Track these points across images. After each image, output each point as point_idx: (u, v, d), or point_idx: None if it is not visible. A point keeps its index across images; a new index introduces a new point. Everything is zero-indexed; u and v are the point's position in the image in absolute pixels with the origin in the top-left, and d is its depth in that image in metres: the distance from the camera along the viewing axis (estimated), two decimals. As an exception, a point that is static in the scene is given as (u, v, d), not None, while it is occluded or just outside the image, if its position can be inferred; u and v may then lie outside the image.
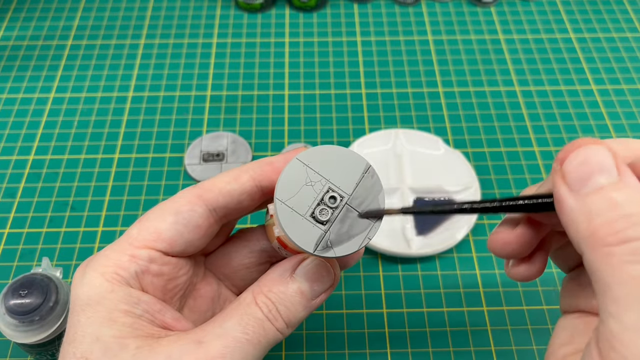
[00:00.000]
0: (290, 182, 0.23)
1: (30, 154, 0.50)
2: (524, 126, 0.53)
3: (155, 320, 0.25)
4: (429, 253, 0.43)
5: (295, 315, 0.25)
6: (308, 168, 0.24)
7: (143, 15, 0.63)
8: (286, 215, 0.23)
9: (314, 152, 0.24)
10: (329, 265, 0.26)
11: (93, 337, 0.23)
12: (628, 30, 0.62)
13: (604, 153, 0.19)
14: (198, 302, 0.29)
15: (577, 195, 0.19)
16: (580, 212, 0.19)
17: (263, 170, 0.27)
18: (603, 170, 0.19)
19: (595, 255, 0.18)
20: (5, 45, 0.60)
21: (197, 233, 0.26)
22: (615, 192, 0.18)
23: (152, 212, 0.26)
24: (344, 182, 0.24)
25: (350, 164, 0.24)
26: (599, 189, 0.19)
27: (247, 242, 0.30)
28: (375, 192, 0.24)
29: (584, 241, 0.19)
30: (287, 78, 0.57)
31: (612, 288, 0.18)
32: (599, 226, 0.18)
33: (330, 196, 0.24)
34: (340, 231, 0.23)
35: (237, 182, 0.26)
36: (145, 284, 0.25)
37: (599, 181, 0.19)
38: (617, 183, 0.19)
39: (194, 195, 0.26)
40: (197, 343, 0.23)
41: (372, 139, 0.50)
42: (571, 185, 0.19)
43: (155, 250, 0.25)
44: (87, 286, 0.24)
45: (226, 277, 0.30)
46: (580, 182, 0.19)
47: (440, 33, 0.62)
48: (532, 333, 0.40)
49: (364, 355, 0.39)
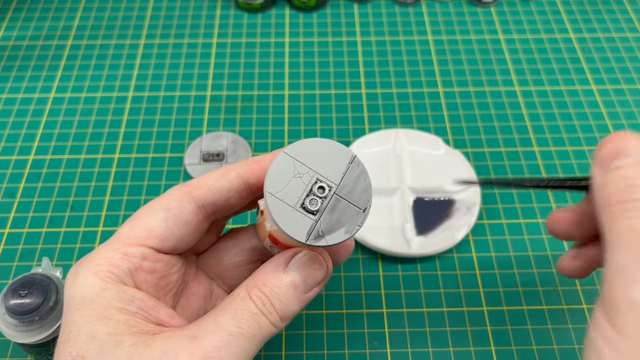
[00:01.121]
0: (279, 175, 0.24)
1: (30, 154, 0.50)
2: (524, 126, 0.53)
3: (150, 317, 0.25)
4: (429, 253, 0.43)
5: (289, 308, 0.25)
6: (295, 161, 0.24)
7: (143, 15, 0.63)
8: (277, 207, 0.23)
9: (300, 145, 0.24)
10: (321, 258, 0.26)
11: (88, 336, 0.23)
12: (628, 30, 0.62)
13: (632, 140, 0.24)
14: (190, 301, 0.29)
15: (603, 172, 0.24)
16: (601, 184, 0.24)
17: (250, 168, 0.27)
18: (627, 154, 0.24)
19: (604, 213, 0.23)
20: (5, 45, 0.60)
21: (188, 229, 0.26)
22: (630, 169, 0.23)
23: (142, 210, 0.26)
24: (331, 172, 0.24)
25: (336, 155, 0.25)
26: (620, 167, 0.23)
27: (238, 241, 0.30)
28: (362, 181, 0.25)
29: (600, 206, 0.24)
30: (287, 78, 0.57)
31: (610, 237, 0.22)
32: (609, 193, 0.23)
33: (318, 186, 0.24)
34: (330, 220, 0.24)
35: (225, 179, 0.27)
36: (138, 281, 0.25)
37: (620, 162, 0.23)
38: (635, 164, 0.23)
39: (182, 193, 0.26)
40: (191, 338, 0.23)
41: (372, 139, 0.50)
42: (599, 163, 0.24)
43: (147, 247, 0.25)
44: (80, 285, 0.24)
45: (217, 275, 0.30)
46: (607, 161, 0.24)
47: (440, 33, 0.62)
48: (532, 333, 0.40)
49: (364, 355, 0.39)
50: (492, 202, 0.47)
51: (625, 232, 0.22)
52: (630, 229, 0.21)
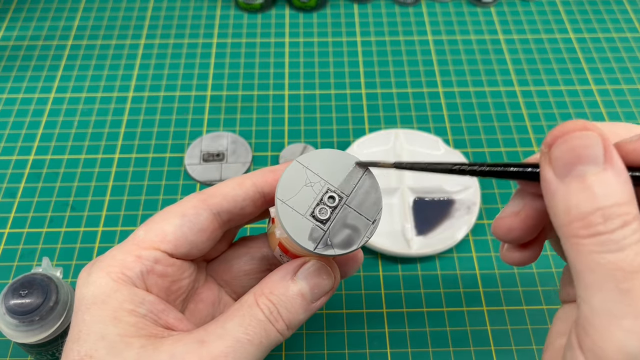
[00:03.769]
0: (291, 183, 0.24)
1: (30, 154, 0.50)
2: (524, 126, 0.53)
3: (159, 320, 0.25)
4: (429, 253, 0.43)
5: (296, 317, 0.25)
6: (307, 170, 0.24)
7: (143, 15, 0.63)
8: (287, 214, 0.24)
9: (313, 155, 0.25)
10: (329, 269, 0.26)
11: (98, 336, 0.23)
12: (628, 30, 0.62)
13: (592, 139, 0.19)
14: (199, 307, 0.29)
15: (561, 182, 0.19)
16: (561, 199, 0.19)
17: (265, 177, 0.27)
18: (589, 159, 0.19)
19: (569, 244, 0.19)
20: (6, 45, 0.60)
21: (202, 236, 0.27)
22: (596, 183, 0.18)
23: (158, 215, 0.27)
24: (342, 183, 0.24)
25: (349, 166, 0.25)
26: (582, 177, 0.19)
27: (249, 249, 0.31)
28: (373, 193, 0.25)
29: (561, 229, 0.19)
30: (287, 78, 0.57)
31: (583, 275, 0.19)
32: (575, 218, 0.19)
33: (329, 196, 0.24)
34: (339, 230, 0.24)
35: (241, 188, 0.27)
36: (149, 284, 0.26)
37: (583, 170, 0.19)
38: (600, 173, 0.19)
39: (199, 200, 0.27)
40: (199, 342, 0.23)
41: (372, 139, 0.50)
42: (556, 170, 0.19)
43: (161, 251, 0.26)
44: (93, 285, 0.24)
45: (226, 283, 0.30)
46: (566, 168, 0.19)
47: (440, 33, 0.62)
48: (532, 333, 0.40)
49: (364, 355, 0.39)
50: (492, 202, 0.47)
51: (599, 270, 0.18)
52: (610, 268, 0.18)
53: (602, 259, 0.18)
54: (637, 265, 0.18)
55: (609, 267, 0.18)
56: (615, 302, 0.18)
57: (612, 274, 0.18)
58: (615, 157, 0.19)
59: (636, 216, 0.18)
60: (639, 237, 0.18)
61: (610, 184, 0.18)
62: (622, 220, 0.18)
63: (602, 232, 0.18)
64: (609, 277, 0.18)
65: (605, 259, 0.18)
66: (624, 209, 0.18)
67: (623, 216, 0.18)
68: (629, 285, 0.18)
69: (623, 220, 0.18)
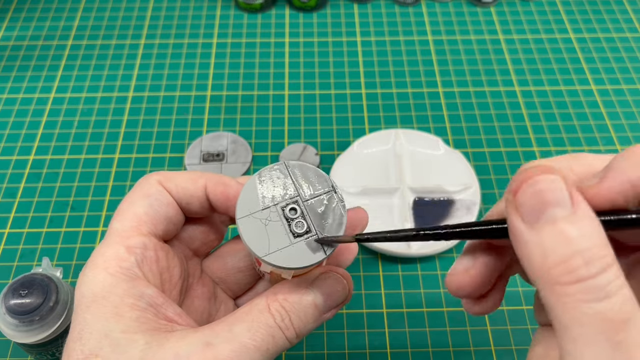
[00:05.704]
0: (256, 236, 0.23)
1: (30, 154, 0.50)
2: (524, 126, 0.53)
3: (159, 314, 0.25)
4: (429, 253, 0.43)
5: (307, 326, 0.25)
6: (254, 214, 0.24)
7: (143, 15, 0.63)
8: (279, 258, 0.23)
9: (245, 191, 0.24)
10: (344, 282, 0.26)
11: (101, 334, 0.23)
12: (628, 30, 0.62)
13: (557, 183, 0.18)
14: (195, 303, 0.29)
15: (532, 229, 0.18)
16: (534, 247, 0.18)
17: (217, 186, 0.27)
18: (557, 203, 0.18)
19: (551, 294, 0.18)
20: (6, 46, 0.60)
21: (172, 209, 0.27)
22: (569, 226, 0.18)
23: (123, 203, 0.27)
24: (287, 192, 0.24)
25: (272, 173, 0.24)
26: (553, 222, 0.18)
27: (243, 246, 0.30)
28: (315, 175, 0.24)
29: (539, 278, 0.18)
30: (287, 78, 0.57)
31: (568, 328, 0.18)
32: (553, 264, 0.18)
33: (290, 209, 0.24)
34: (322, 223, 0.24)
35: (193, 184, 0.27)
36: (145, 272, 0.26)
37: (552, 214, 0.18)
38: (570, 216, 0.18)
39: (155, 181, 0.27)
40: (205, 344, 0.23)
41: (372, 139, 0.50)
42: (525, 217, 0.19)
43: (144, 234, 0.26)
44: (90, 282, 0.24)
45: (221, 279, 0.31)
46: (534, 214, 0.18)
47: (440, 33, 0.62)
48: (531, 333, 0.40)
49: (364, 355, 0.39)
50: (492, 202, 0.47)
51: (586, 323, 0.17)
52: (599, 319, 0.17)
53: (589, 309, 0.17)
54: (626, 313, 0.17)
55: (598, 319, 0.17)
56: (609, 358, 0.17)
57: (601, 326, 0.17)
58: (581, 199, 0.19)
59: (614, 259, 0.18)
60: (622, 281, 0.18)
61: (583, 226, 0.18)
62: (603, 263, 0.17)
63: (585, 277, 0.17)
64: (598, 330, 0.17)
65: (592, 309, 0.17)
66: (602, 252, 0.18)
67: (602, 259, 0.18)
68: (620, 337, 0.17)
69: (604, 262, 0.17)
